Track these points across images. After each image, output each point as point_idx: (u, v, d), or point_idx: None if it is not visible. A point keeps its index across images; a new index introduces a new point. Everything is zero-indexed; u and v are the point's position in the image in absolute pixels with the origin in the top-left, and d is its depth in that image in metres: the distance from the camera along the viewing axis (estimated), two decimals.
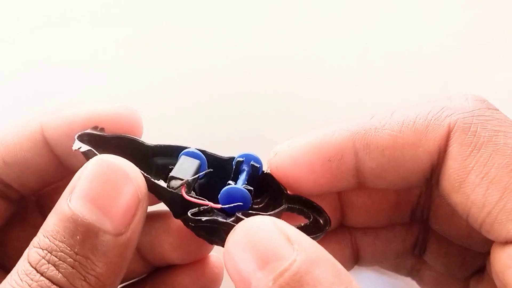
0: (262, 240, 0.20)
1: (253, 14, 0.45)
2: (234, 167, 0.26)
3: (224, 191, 0.24)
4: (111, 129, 0.27)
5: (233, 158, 0.26)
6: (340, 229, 0.30)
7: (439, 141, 0.22)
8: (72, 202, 0.21)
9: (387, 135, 0.23)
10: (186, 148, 0.27)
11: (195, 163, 0.25)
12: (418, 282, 0.33)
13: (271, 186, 0.26)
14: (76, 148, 0.24)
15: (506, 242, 0.21)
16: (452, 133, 0.22)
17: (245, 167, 0.26)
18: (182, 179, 0.24)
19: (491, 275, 0.23)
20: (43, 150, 0.27)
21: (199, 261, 0.30)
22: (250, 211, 0.24)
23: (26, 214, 0.29)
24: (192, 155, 0.26)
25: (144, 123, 0.28)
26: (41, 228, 0.22)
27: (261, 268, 0.19)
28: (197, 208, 0.24)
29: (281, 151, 0.26)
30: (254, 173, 0.26)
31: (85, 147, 0.24)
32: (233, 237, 0.20)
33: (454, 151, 0.22)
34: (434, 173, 0.24)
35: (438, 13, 0.46)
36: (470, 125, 0.22)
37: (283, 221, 0.21)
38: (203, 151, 0.26)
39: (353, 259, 0.31)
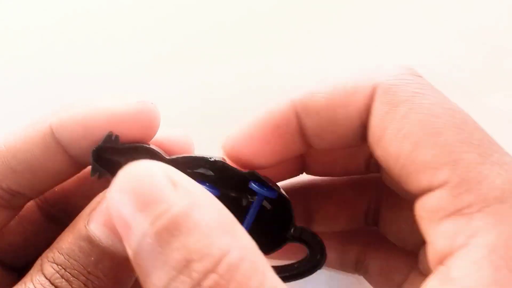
0: (143, 183, 0.19)
1: (264, 35, 0.48)
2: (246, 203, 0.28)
3: None
4: (128, 132, 0.26)
5: (251, 172, 0.27)
6: (296, 194, 0.32)
7: (365, 100, 0.24)
8: (90, 225, 0.23)
9: (321, 97, 0.25)
10: (203, 158, 0.26)
11: None
12: (365, 276, 0.33)
13: (282, 213, 0.27)
14: (94, 177, 0.25)
15: (419, 194, 0.22)
16: (376, 93, 0.24)
17: (258, 202, 0.27)
18: None
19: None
20: (56, 153, 0.25)
21: None
22: None
23: (23, 208, 0.28)
24: None
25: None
26: (56, 243, 0.23)
27: (140, 210, 0.19)
28: None
29: (232, 133, 0.27)
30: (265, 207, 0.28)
31: (102, 174, 0.25)
32: (115, 181, 0.19)
33: (375, 108, 0.24)
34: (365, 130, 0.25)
35: (437, 32, 0.47)
36: (392, 86, 0.24)
37: (173, 168, 0.20)
38: (220, 161, 0.27)
39: (307, 222, 0.32)
